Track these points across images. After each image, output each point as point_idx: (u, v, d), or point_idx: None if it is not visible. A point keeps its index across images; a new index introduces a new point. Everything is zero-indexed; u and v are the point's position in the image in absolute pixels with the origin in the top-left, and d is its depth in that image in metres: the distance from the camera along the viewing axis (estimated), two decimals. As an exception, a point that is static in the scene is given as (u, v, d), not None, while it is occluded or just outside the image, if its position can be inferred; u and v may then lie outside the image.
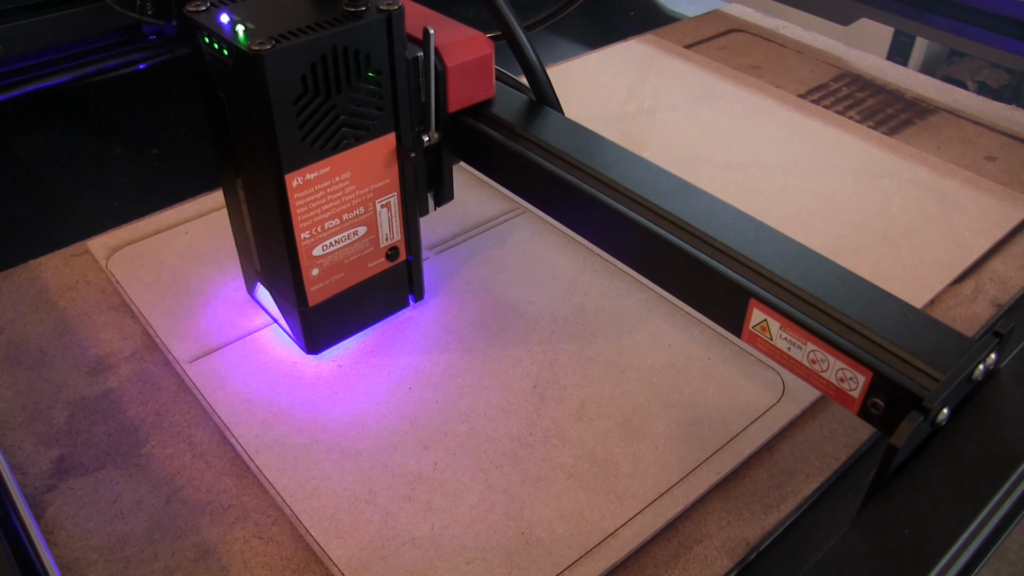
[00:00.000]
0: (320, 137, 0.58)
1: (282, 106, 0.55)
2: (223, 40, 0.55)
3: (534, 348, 0.72)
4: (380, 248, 0.67)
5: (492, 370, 0.70)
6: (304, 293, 0.65)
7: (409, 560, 0.56)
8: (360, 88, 0.59)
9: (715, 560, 0.57)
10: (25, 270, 0.80)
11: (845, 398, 0.50)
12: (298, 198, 0.60)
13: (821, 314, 0.50)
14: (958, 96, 1.12)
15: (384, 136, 0.62)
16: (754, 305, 0.53)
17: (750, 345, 0.55)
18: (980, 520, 0.43)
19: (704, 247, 0.56)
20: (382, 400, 0.67)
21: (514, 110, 0.69)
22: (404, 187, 0.66)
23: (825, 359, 0.50)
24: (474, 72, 0.67)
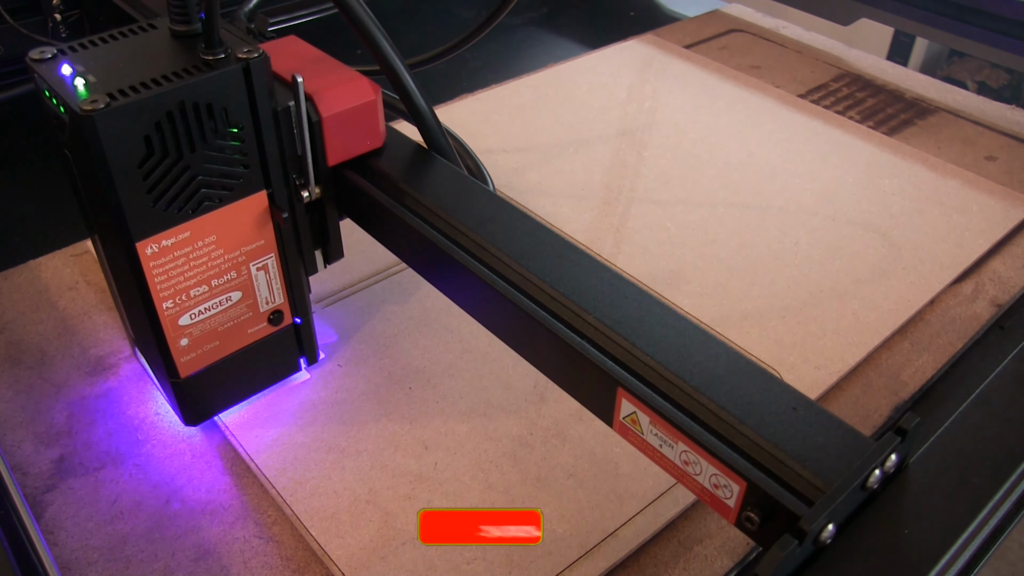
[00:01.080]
0: (175, 200, 0.52)
1: (123, 170, 0.49)
2: (60, 96, 0.49)
3: (534, 348, 0.72)
4: (260, 313, 0.61)
5: (492, 370, 0.70)
6: (173, 364, 0.59)
7: (409, 560, 0.56)
8: (218, 145, 0.52)
9: (715, 560, 0.57)
10: (25, 270, 0.80)
11: (721, 506, 0.43)
12: (155, 266, 0.54)
13: (698, 407, 0.43)
14: (958, 96, 1.12)
15: (254, 195, 0.56)
16: (622, 395, 0.46)
17: (622, 437, 0.48)
18: None
19: (576, 321, 0.48)
20: (382, 400, 0.67)
21: (399, 160, 0.61)
22: (283, 247, 0.60)
23: (698, 462, 0.43)
24: (356, 121, 0.59)
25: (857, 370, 0.72)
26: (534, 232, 0.55)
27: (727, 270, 0.81)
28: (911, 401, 0.69)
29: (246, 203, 0.56)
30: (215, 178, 0.54)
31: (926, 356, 0.73)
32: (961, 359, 0.74)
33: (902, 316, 0.76)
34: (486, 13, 0.78)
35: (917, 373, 0.71)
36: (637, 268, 0.81)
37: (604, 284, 0.50)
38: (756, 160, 0.97)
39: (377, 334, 0.73)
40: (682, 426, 0.43)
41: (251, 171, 0.55)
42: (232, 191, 0.55)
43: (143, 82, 0.49)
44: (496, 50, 1.29)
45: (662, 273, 0.80)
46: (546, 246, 0.54)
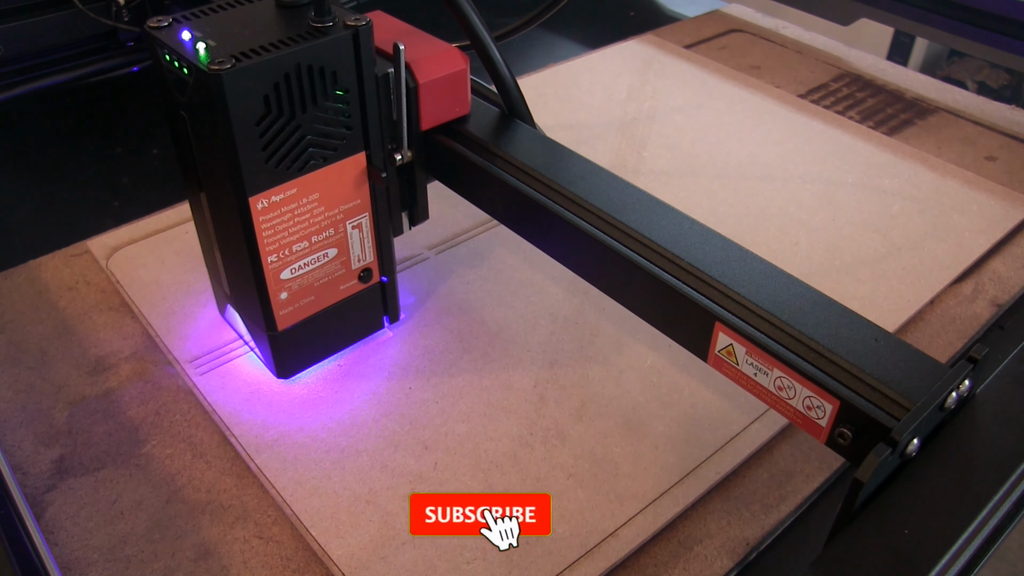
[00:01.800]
0: (285, 158, 0.56)
1: (244, 127, 0.53)
2: (183, 59, 0.53)
3: (534, 348, 0.72)
4: (352, 270, 0.65)
5: (492, 370, 0.70)
6: (272, 317, 0.62)
7: (409, 560, 0.56)
8: (327, 107, 0.56)
9: (715, 560, 0.57)
10: (25, 270, 0.80)
11: (812, 427, 0.48)
12: (263, 221, 0.57)
13: (789, 339, 0.48)
14: (958, 96, 1.12)
15: (354, 156, 0.60)
16: (719, 329, 0.50)
17: (716, 370, 0.52)
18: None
19: (670, 267, 0.53)
20: (382, 400, 0.67)
21: (486, 126, 0.66)
22: (376, 207, 0.64)
23: (792, 386, 0.48)
24: (448, 88, 0.64)
25: (857, 370, 0.72)
26: (624, 189, 0.60)
27: (727, 270, 0.81)
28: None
29: (347, 163, 0.60)
30: (322, 138, 0.58)
31: (926, 356, 0.73)
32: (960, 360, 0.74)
33: (902, 316, 0.76)
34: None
35: (917, 373, 0.71)
36: (637, 268, 0.81)
37: (695, 233, 0.56)
38: (756, 160, 0.97)
39: (377, 334, 0.73)
40: (776, 354, 0.48)
41: (353, 133, 0.59)
42: (335, 151, 0.59)
43: (262, 46, 0.53)
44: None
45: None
46: (637, 201, 0.59)
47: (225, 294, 0.69)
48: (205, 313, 0.75)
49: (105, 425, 0.65)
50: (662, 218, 0.57)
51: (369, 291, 0.68)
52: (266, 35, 0.54)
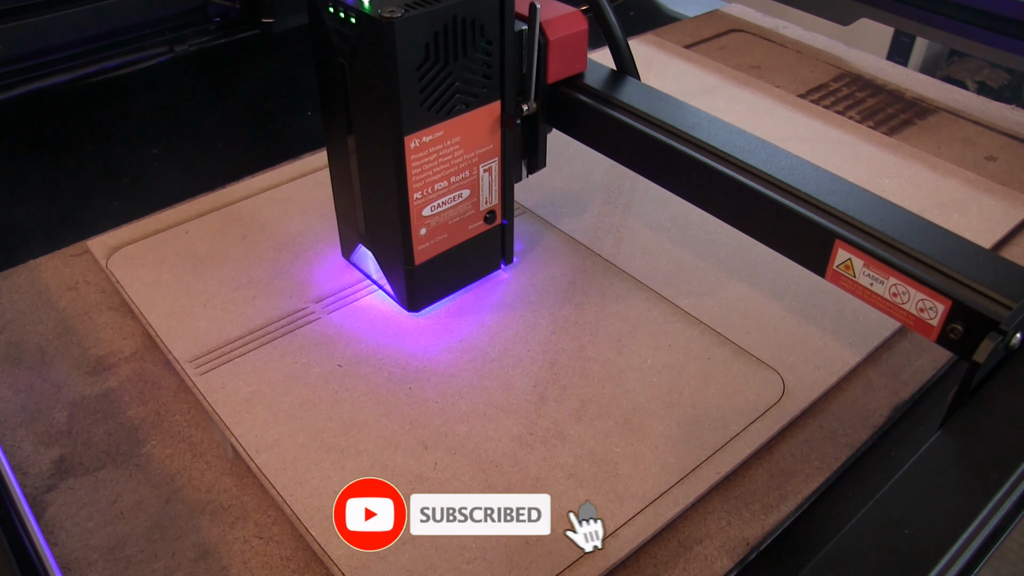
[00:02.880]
0: (437, 102, 0.63)
1: (407, 71, 0.60)
2: (350, 8, 0.59)
3: (534, 348, 0.72)
4: (480, 211, 0.72)
5: (492, 370, 0.70)
6: (412, 252, 0.69)
7: (409, 560, 0.56)
8: (474, 57, 0.64)
9: (715, 560, 0.57)
10: (25, 270, 0.80)
11: (924, 327, 0.56)
12: (414, 160, 0.64)
13: (900, 253, 0.57)
14: (958, 96, 1.12)
15: (491, 104, 0.67)
16: (839, 246, 0.59)
17: (833, 284, 0.61)
18: None
19: (791, 197, 0.62)
20: (382, 400, 0.67)
21: (603, 81, 0.75)
22: (505, 153, 0.71)
23: (906, 292, 0.56)
24: (571, 46, 0.72)
25: (857, 370, 0.72)
26: (741, 133, 0.68)
27: (727, 269, 0.81)
28: (911, 401, 0.69)
29: (485, 110, 0.67)
30: (467, 85, 0.65)
31: (926, 356, 0.73)
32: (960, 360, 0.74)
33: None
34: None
35: (917, 373, 0.71)
36: (637, 268, 0.81)
37: (808, 169, 0.64)
38: (756, 160, 0.97)
39: (377, 334, 0.73)
40: (891, 263, 0.56)
41: (492, 82, 0.67)
42: (477, 98, 0.66)
43: (420, 0, 0.60)
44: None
45: (662, 273, 0.80)
46: (751, 143, 0.67)
47: (359, 234, 0.75)
48: (205, 313, 0.75)
49: (105, 425, 0.65)
50: (777, 156, 0.65)
51: (492, 232, 0.75)
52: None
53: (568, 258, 0.82)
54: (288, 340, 0.72)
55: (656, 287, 0.79)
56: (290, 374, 0.69)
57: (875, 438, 0.66)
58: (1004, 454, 0.47)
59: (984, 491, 0.45)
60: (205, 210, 0.87)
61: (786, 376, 0.70)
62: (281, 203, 0.89)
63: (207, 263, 0.80)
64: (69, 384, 0.69)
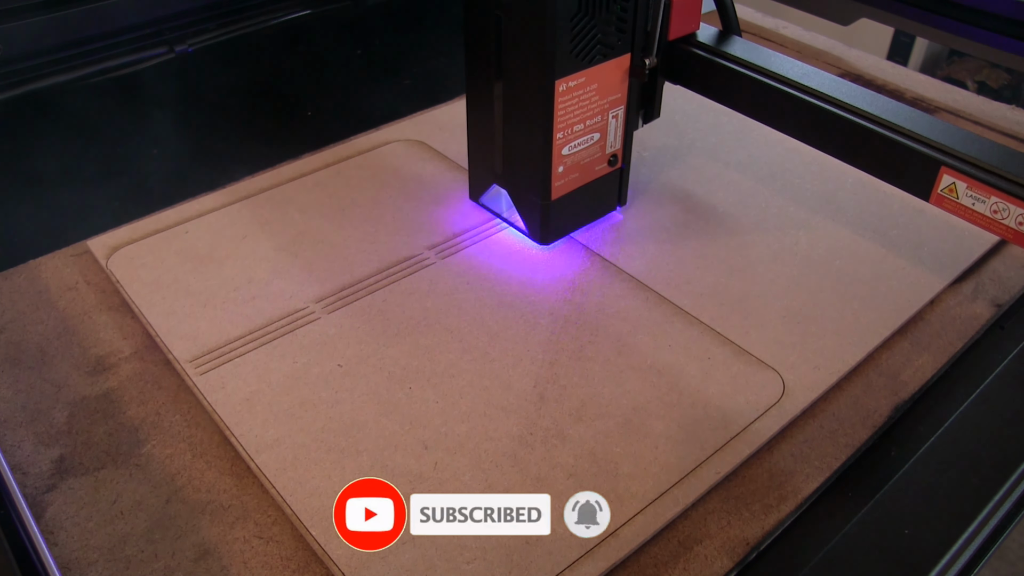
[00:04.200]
0: (583, 51, 0.71)
1: (562, 21, 0.68)
2: None
3: (534, 348, 0.72)
4: (606, 154, 0.79)
5: (492, 370, 0.70)
6: (549, 187, 0.76)
7: (409, 560, 0.56)
8: (615, 11, 0.71)
9: (715, 560, 0.57)
10: (25, 270, 0.80)
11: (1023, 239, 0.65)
12: (560, 102, 0.72)
13: (998, 177, 0.64)
14: (958, 96, 1.12)
15: (623, 56, 0.74)
16: (944, 171, 0.67)
17: (937, 207, 0.69)
18: None
19: (898, 132, 0.70)
20: (382, 400, 0.67)
21: (715, 39, 0.83)
22: (630, 102, 0.78)
23: (1006, 208, 0.64)
24: (689, 6, 0.80)
25: (857, 370, 0.72)
26: (844, 83, 0.77)
27: (727, 270, 0.81)
28: (911, 401, 0.69)
29: (618, 61, 0.75)
30: (607, 37, 0.72)
31: (926, 356, 0.73)
32: (961, 359, 0.74)
33: (902, 316, 0.76)
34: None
35: (917, 373, 0.71)
36: (637, 268, 0.81)
37: (908, 111, 0.72)
38: (756, 160, 0.97)
39: (378, 334, 0.73)
40: (992, 183, 0.65)
41: (626, 36, 0.74)
42: (613, 49, 0.74)
43: None
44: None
45: (662, 273, 0.80)
46: (855, 90, 0.75)
47: (495, 174, 0.82)
48: (205, 313, 0.75)
49: (105, 425, 0.65)
50: (879, 100, 0.74)
51: (613, 174, 0.82)
52: None
53: (568, 258, 0.82)
54: (288, 340, 0.72)
55: (656, 287, 0.79)
56: (290, 374, 0.69)
57: (875, 438, 0.66)
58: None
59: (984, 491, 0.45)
60: (205, 210, 0.87)
61: (786, 376, 0.70)
62: (281, 203, 0.89)
63: (207, 263, 0.80)
64: (69, 384, 0.69)
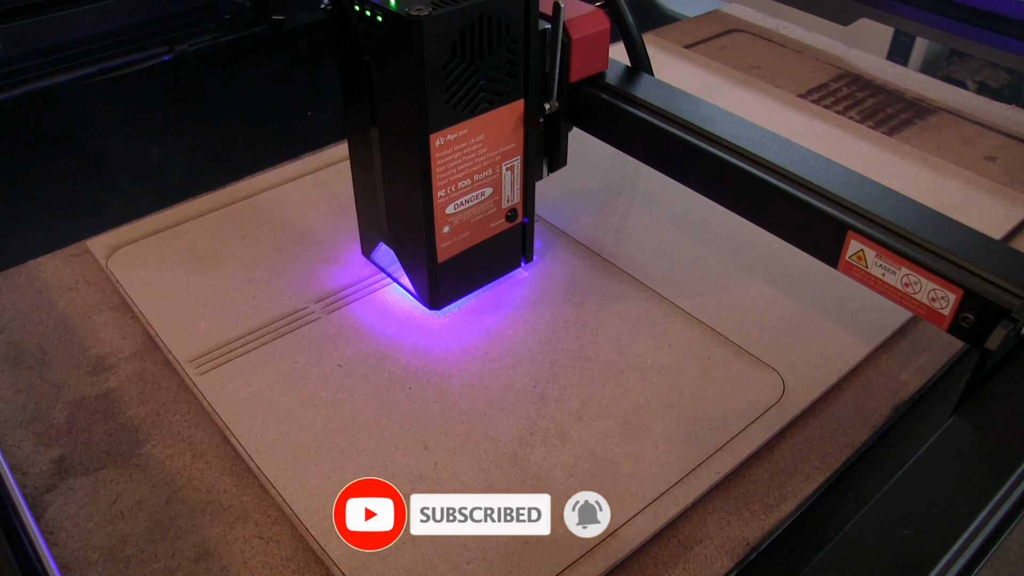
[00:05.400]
0: (462, 100, 0.63)
1: (434, 69, 0.60)
2: (376, 7, 0.59)
3: (534, 348, 0.72)
4: (502, 209, 0.72)
5: (492, 370, 0.70)
6: (434, 250, 0.69)
7: (409, 560, 0.56)
8: (500, 55, 0.64)
9: (715, 560, 0.57)
10: (25, 270, 0.80)
11: (936, 316, 0.57)
12: (439, 157, 0.64)
13: (912, 244, 0.58)
14: (958, 96, 1.12)
15: (514, 102, 0.67)
16: (851, 237, 0.60)
17: (845, 275, 0.62)
18: None
19: (803, 188, 0.63)
20: (382, 400, 0.67)
21: (621, 79, 0.76)
22: (527, 151, 0.71)
23: (918, 281, 0.57)
24: (594, 45, 0.72)
25: (857, 370, 0.72)
26: (753, 127, 0.69)
27: (727, 269, 0.81)
28: (911, 401, 0.69)
29: (508, 109, 0.67)
30: (492, 83, 0.65)
31: (926, 356, 0.73)
32: (961, 359, 0.74)
33: (902, 316, 0.76)
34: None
35: (917, 373, 0.71)
36: (637, 268, 0.81)
37: (819, 162, 0.65)
38: (756, 160, 0.97)
39: (377, 334, 0.73)
40: (904, 253, 0.57)
41: (517, 81, 0.66)
42: (501, 96, 0.66)
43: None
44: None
45: (662, 273, 0.80)
46: (765, 136, 0.68)
47: (380, 232, 0.75)
48: (205, 313, 0.75)
49: (105, 425, 0.65)
50: (789, 149, 0.66)
51: (513, 230, 0.75)
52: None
53: (568, 258, 0.82)
54: (288, 340, 0.72)
55: (656, 287, 0.79)
56: (290, 374, 0.69)
57: (875, 438, 0.66)
58: (1016, 442, 0.47)
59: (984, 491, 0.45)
60: (205, 210, 0.87)
61: (786, 376, 0.70)
62: (281, 203, 0.89)
63: (207, 263, 0.80)
64: (69, 384, 0.69)
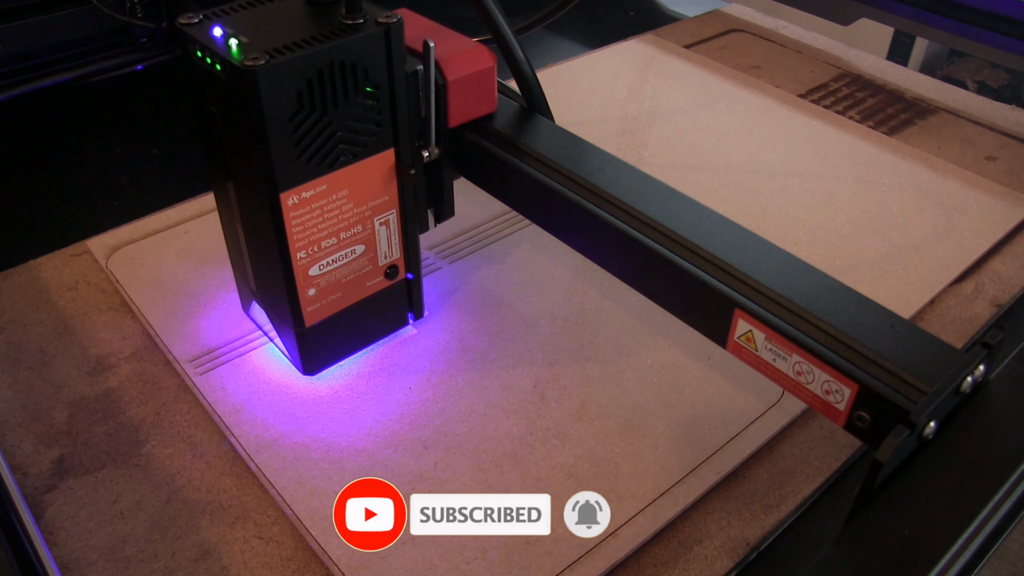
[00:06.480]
0: (316, 154, 0.56)
1: (277, 123, 0.53)
2: (215, 54, 0.53)
3: (534, 348, 0.72)
4: (379, 267, 0.65)
5: (492, 370, 0.70)
6: (300, 313, 0.62)
7: (409, 560, 0.56)
8: (358, 103, 0.57)
9: (715, 560, 0.57)
10: (25, 270, 0.80)
11: (831, 411, 0.49)
12: (294, 217, 0.57)
13: (807, 325, 0.49)
14: (958, 96, 1.12)
15: (383, 152, 0.60)
16: (739, 315, 0.51)
17: (735, 356, 0.53)
18: (966, 536, 0.42)
19: (689, 256, 0.54)
20: (382, 399, 0.67)
21: (510, 122, 0.67)
22: (403, 204, 0.64)
23: (811, 371, 0.49)
24: (475, 86, 0.64)
25: (857, 370, 0.72)
26: (643, 179, 0.61)
27: (727, 270, 0.81)
28: (911, 401, 0.69)
29: (376, 160, 0.60)
30: (352, 134, 0.58)
31: (926, 356, 0.73)
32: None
33: (902, 316, 0.76)
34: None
35: (917, 373, 0.71)
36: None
37: (713, 223, 0.56)
38: (756, 160, 0.97)
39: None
40: (795, 339, 0.49)
41: (383, 129, 0.59)
42: (365, 147, 0.59)
43: (295, 42, 0.53)
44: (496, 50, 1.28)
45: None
46: (655, 191, 0.60)
47: (251, 290, 0.68)
48: (205, 313, 0.75)
49: (105, 425, 0.65)
50: (681, 208, 0.58)
51: (395, 288, 0.68)
52: (297, 32, 0.54)
53: (568, 259, 0.82)
54: (288, 340, 0.72)
55: (656, 287, 0.79)
56: (290, 373, 0.69)
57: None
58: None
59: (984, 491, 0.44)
60: (205, 210, 0.87)
61: (786, 376, 0.70)
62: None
63: (207, 263, 0.80)
64: (69, 384, 0.69)
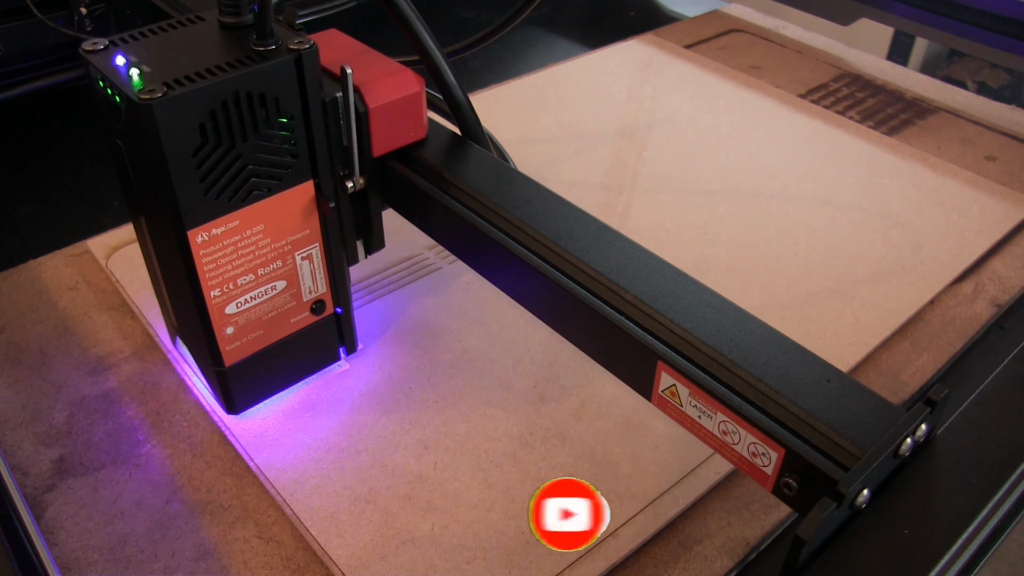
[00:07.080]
0: (226, 189, 0.53)
1: (179, 158, 0.50)
2: (115, 86, 0.50)
3: (534, 348, 0.72)
4: (303, 302, 0.62)
5: (492, 370, 0.70)
6: (219, 352, 0.59)
7: (409, 560, 0.56)
8: (269, 135, 0.53)
9: (715, 560, 0.57)
10: (25, 270, 0.80)
11: (759, 474, 0.45)
12: (204, 255, 0.54)
13: (736, 379, 0.45)
14: (958, 96, 1.12)
15: (301, 185, 0.57)
16: (662, 368, 0.47)
17: (660, 410, 0.49)
18: None
19: (613, 299, 0.50)
20: (382, 399, 0.67)
21: (439, 150, 0.63)
22: (327, 237, 0.61)
23: (736, 431, 0.45)
24: (401, 112, 0.60)
25: (857, 370, 0.72)
26: (571, 214, 0.56)
27: (727, 270, 0.81)
28: (911, 401, 0.69)
29: (294, 193, 0.57)
30: (265, 167, 0.54)
31: (926, 356, 0.73)
32: (961, 359, 0.74)
33: (902, 316, 0.76)
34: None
35: (917, 373, 0.71)
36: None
37: (640, 263, 0.52)
38: (756, 160, 0.97)
39: (377, 335, 0.73)
40: (720, 397, 0.45)
41: (299, 161, 0.56)
42: (281, 180, 0.56)
43: (198, 72, 0.50)
44: (496, 50, 1.29)
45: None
46: (583, 227, 0.55)
47: (173, 326, 0.67)
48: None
49: (105, 425, 0.65)
50: (610, 247, 0.53)
51: (323, 323, 0.65)
52: (204, 60, 0.51)
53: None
54: (288, 340, 0.72)
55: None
56: (290, 374, 0.69)
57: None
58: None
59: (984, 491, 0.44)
60: (205, 210, 0.87)
61: (786, 376, 0.70)
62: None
63: (207, 263, 0.80)
64: (69, 384, 0.69)
